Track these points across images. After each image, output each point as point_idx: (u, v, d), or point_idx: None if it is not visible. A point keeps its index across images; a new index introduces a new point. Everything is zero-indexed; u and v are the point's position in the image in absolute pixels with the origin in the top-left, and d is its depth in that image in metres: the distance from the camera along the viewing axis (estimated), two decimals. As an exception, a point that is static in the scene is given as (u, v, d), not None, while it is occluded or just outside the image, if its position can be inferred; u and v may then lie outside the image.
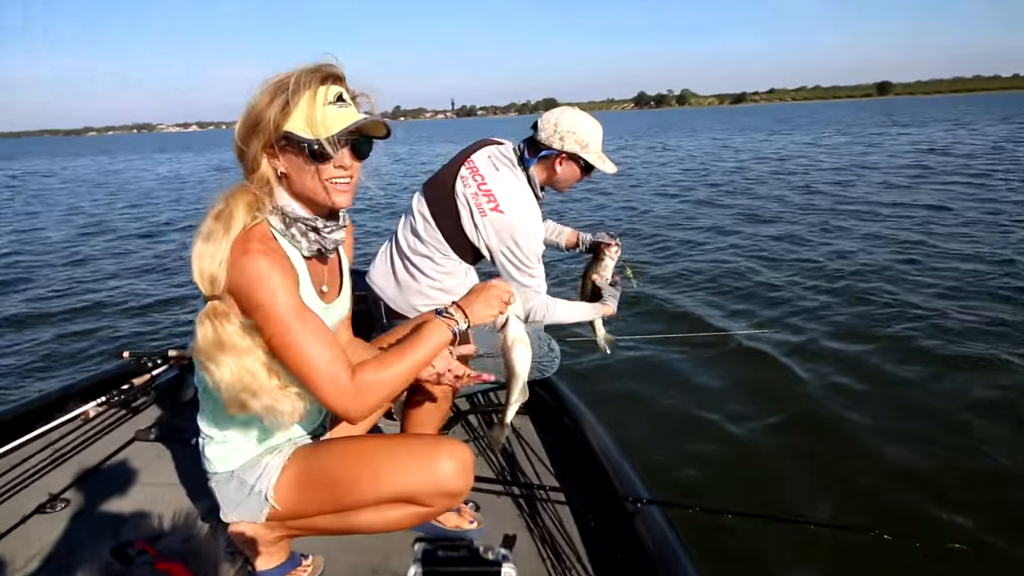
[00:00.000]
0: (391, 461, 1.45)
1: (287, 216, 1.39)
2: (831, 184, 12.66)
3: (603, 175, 2.47)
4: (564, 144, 2.37)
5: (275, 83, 1.31)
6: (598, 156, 2.43)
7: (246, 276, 1.29)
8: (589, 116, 2.42)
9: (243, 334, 1.33)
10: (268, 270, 1.30)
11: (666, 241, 8.25)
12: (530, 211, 2.37)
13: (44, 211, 14.70)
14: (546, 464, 2.28)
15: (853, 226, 8.41)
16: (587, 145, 2.39)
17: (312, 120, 1.31)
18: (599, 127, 2.42)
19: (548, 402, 2.54)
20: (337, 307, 1.57)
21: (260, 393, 1.34)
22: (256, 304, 1.31)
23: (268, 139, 1.32)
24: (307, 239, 1.42)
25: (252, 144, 1.33)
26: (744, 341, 4.48)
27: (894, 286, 5.64)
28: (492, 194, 2.33)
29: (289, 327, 1.31)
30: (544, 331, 2.58)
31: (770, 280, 6.06)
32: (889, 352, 4.26)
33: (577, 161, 2.41)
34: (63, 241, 10.42)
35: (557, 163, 2.40)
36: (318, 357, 1.32)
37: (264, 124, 1.31)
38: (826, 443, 3.24)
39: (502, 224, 2.28)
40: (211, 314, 1.32)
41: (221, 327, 1.32)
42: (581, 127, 2.38)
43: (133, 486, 2.16)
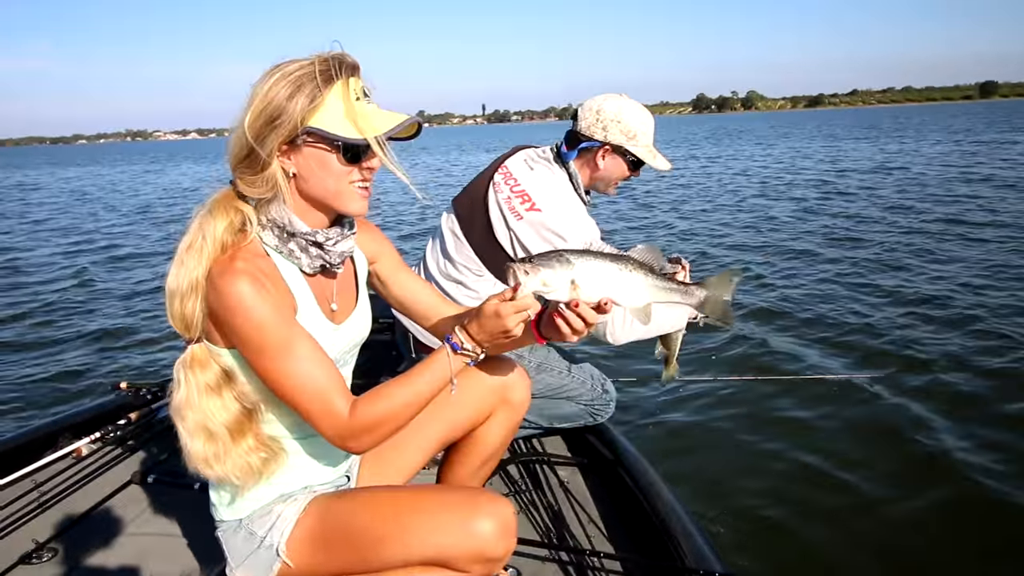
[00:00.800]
0: (422, 518, 1.43)
1: (283, 230, 1.40)
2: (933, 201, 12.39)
3: (651, 175, 2.43)
4: (608, 135, 2.33)
5: (294, 72, 1.32)
6: (648, 150, 2.37)
7: (228, 302, 1.31)
8: (637, 103, 2.37)
9: (219, 387, 1.38)
10: (252, 295, 1.31)
11: (735, 262, 8.16)
12: (573, 205, 2.33)
13: (29, 226, 15.19)
14: (598, 525, 2.24)
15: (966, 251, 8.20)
16: (635, 136, 2.34)
17: (352, 115, 1.32)
18: (649, 116, 2.38)
19: (602, 453, 2.50)
20: (351, 327, 1.58)
21: (219, 462, 1.39)
22: (241, 337, 1.33)
23: (290, 134, 1.33)
24: (307, 255, 1.43)
25: (269, 140, 1.33)
26: (844, 385, 4.33)
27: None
28: (526, 194, 2.30)
29: (278, 360, 1.33)
30: (597, 369, 2.55)
31: (869, 317, 5.87)
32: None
33: (623, 155, 2.36)
34: (52, 259, 10.73)
35: (600, 157, 2.36)
36: (311, 388, 1.35)
37: (287, 117, 1.31)
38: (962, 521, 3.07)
39: (542, 223, 2.24)
40: (186, 363, 1.38)
41: (194, 377, 1.37)
42: (628, 115, 2.33)
43: (129, 535, 2.17)
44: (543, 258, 1.35)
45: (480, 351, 1.46)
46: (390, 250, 1.73)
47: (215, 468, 1.40)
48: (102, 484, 2.43)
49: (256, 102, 1.32)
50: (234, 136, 1.36)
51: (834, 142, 35.05)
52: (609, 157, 2.37)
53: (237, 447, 1.41)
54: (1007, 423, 3.84)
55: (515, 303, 1.37)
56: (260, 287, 1.32)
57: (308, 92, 1.31)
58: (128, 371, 5.30)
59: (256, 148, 1.33)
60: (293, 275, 1.44)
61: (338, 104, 1.33)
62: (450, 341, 1.46)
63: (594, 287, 1.38)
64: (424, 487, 1.64)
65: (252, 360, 1.36)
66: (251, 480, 1.45)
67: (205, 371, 1.39)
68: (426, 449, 1.81)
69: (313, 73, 1.32)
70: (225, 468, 1.40)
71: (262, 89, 1.32)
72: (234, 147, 1.36)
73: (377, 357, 1.76)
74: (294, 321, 1.38)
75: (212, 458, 1.39)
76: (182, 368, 1.38)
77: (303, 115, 1.32)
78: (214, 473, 1.41)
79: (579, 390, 2.45)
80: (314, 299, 1.47)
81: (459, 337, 1.45)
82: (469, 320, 1.44)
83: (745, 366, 4.78)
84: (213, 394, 1.39)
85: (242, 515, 1.54)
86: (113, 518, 2.25)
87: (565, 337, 1.45)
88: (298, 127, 1.32)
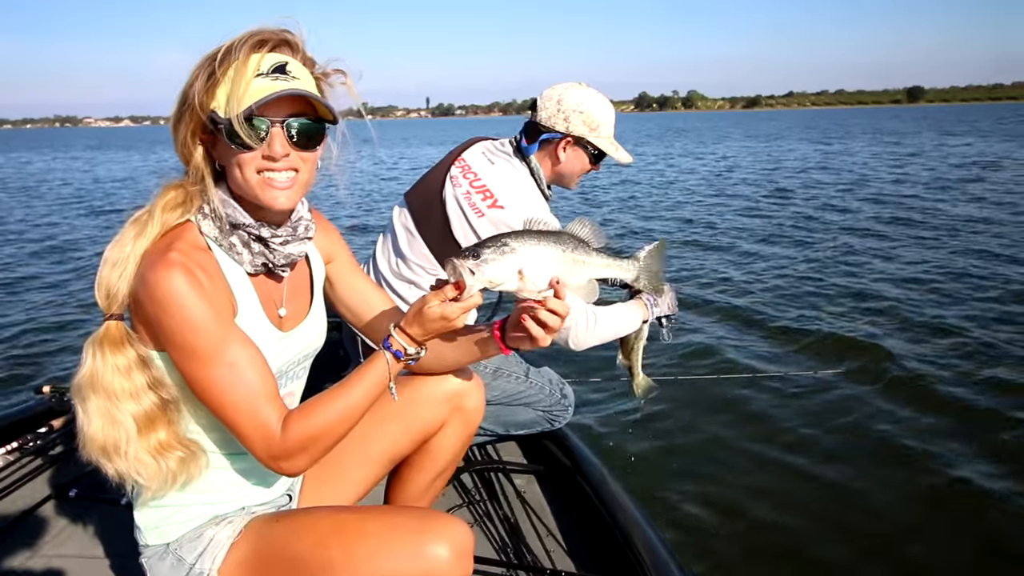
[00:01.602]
0: (370, 543, 1.31)
1: (224, 221, 1.29)
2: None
3: (613, 169, 2.37)
4: (570, 126, 2.26)
5: (208, 54, 1.22)
6: (610, 142, 2.32)
7: (157, 296, 1.20)
8: (598, 93, 2.31)
9: (130, 371, 1.25)
10: (185, 290, 1.19)
11: (699, 261, 8.20)
12: (536, 201, 2.26)
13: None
14: (557, 537, 2.17)
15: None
16: (597, 127, 2.28)
17: (232, 95, 1.20)
18: (610, 107, 2.33)
19: (560, 459, 2.43)
20: (302, 336, 1.46)
21: (119, 454, 1.25)
22: (169, 336, 1.22)
23: (197, 122, 1.24)
24: (249, 251, 1.32)
25: (180, 129, 1.26)
26: (805, 382, 4.39)
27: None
28: (487, 190, 2.22)
29: (210, 364, 1.22)
30: (555, 373, 2.46)
31: (825, 313, 5.98)
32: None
33: (585, 147, 2.30)
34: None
35: (561, 149, 2.29)
36: (242, 400, 1.24)
37: (189, 103, 1.23)
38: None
39: (504, 222, 2.15)
40: (98, 340, 1.25)
41: (102, 358, 1.24)
42: (590, 105, 2.27)
43: (46, 555, 2.03)
44: (487, 251, 1.26)
45: (420, 351, 1.36)
46: (345, 251, 1.61)
47: (114, 460, 1.25)
48: (18, 498, 2.29)
49: (179, 91, 1.25)
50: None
51: (784, 143, 36.13)
52: (571, 149, 2.30)
53: (143, 440, 1.26)
54: (966, 414, 4.00)
55: (462, 304, 1.27)
56: (195, 282, 1.21)
57: (206, 72, 1.22)
58: (52, 373, 4.98)
59: (174, 138, 1.27)
60: (236, 274, 1.32)
61: (228, 83, 1.22)
62: (388, 346, 1.34)
63: (540, 273, 1.31)
64: (372, 508, 1.52)
65: (181, 364, 1.24)
66: (162, 484, 1.30)
67: (117, 352, 1.25)
68: (375, 465, 1.70)
69: (216, 53, 1.22)
70: (127, 463, 1.26)
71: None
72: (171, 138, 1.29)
73: (321, 359, 1.63)
74: (231, 323, 1.27)
75: (111, 448, 1.25)
76: (92, 345, 1.25)
77: (202, 99, 1.22)
78: (113, 467, 1.26)
79: (537, 396, 2.36)
80: (258, 302, 1.35)
81: (398, 342, 1.33)
82: (407, 321, 1.33)
83: (705, 365, 4.80)
84: (122, 377, 1.25)
85: (170, 539, 1.40)
86: (30, 537, 2.10)
87: (536, 342, 1.35)
88: (200, 114, 1.23)
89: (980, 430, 3.78)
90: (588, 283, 1.39)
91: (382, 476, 1.76)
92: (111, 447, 1.25)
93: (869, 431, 3.83)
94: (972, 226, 9.89)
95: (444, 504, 2.27)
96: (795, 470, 3.46)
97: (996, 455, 3.52)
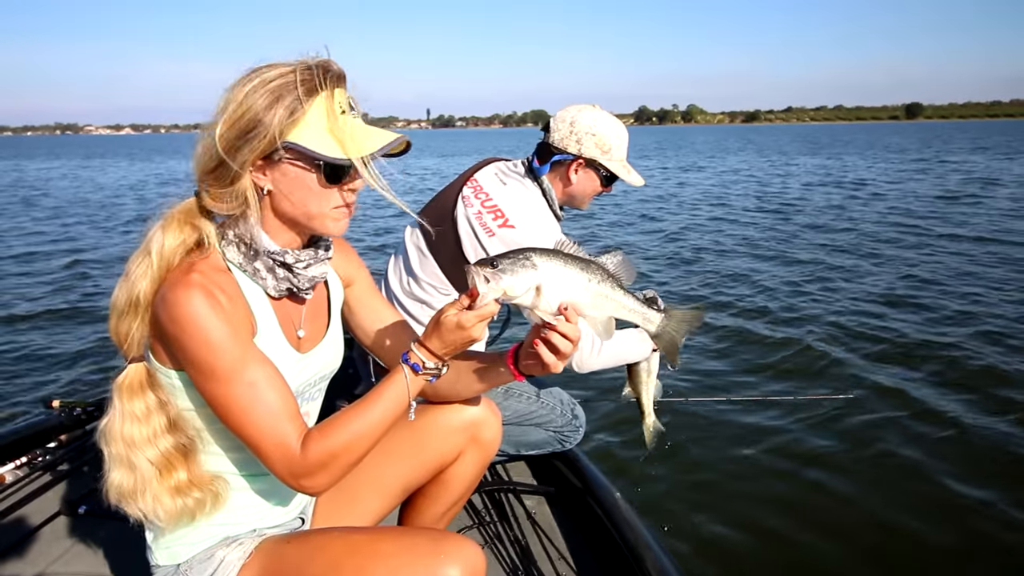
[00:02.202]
0: (382, 564, 1.29)
1: (249, 247, 1.29)
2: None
3: (625, 191, 2.36)
4: (582, 148, 2.27)
5: (274, 80, 1.21)
6: (622, 164, 2.33)
7: (176, 316, 1.20)
8: (611, 116, 2.33)
9: (148, 416, 1.28)
10: (205, 310, 1.20)
11: (706, 279, 8.13)
12: (548, 222, 2.26)
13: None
14: (567, 560, 2.15)
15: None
16: (609, 150, 2.29)
17: (335, 131, 1.22)
18: (624, 130, 2.34)
19: (570, 480, 2.42)
20: (319, 357, 1.45)
21: (138, 498, 1.29)
22: (189, 356, 1.22)
23: (266, 149, 1.22)
24: (274, 275, 1.32)
25: (242, 153, 1.22)
26: (815, 405, 4.31)
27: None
28: (499, 210, 2.22)
29: (229, 383, 1.22)
30: (566, 393, 2.46)
31: (839, 336, 5.88)
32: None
33: (597, 169, 2.31)
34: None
35: (572, 171, 2.30)
36: (263, 419, 1.24)
37: (262, 131, 1.20)
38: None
39: (515, 241, 2.14)
40: (121, 387, 1.28)
41: (121, 405, 1.28)
42: (603, 128, 2.28)
43: (56, 573, 2.01)
44: (506, 261, 1.24)
45: (442, 366, 1.34)
46: (365, 274, 1.60)
47: (131, 504, 1.29)
48: (27, 515, 2.27)
49: (230, 110, 1.21)
50: (202, 145, 1.24)
51: (792, 158, 35.86)
52: (582, 171, 2.31)
53: (161, 484, 1.29)
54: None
55: (477, 312, 1.25)
56: (214, 303, 1.21)
57: (288, 104, 1.20)
58: (61, 388, 4.93)
59: (227, 160, 1.21)
60: (256, 295, 1.32)
61: (320, 119, 1.23)
62: (408, 361, 1.32)
63: (559, 294, 1.27)
64: (385, 530, 1.53)
65: (200, 383, 1.24)
66: (179, 523, 1.33)
67: (134, 398, 1.28)
68: (388, 496, 1.69)
69: (294, 83, 1.21)
70: (144, 505, 1.29)
71: (237, 96, 1.21)
72: (202, 157, 1.25)
73: (333, 377, 1.63)
74: (251, 343, 1.27)
75: (128, 493, 1.29)
76: (116, 391, 1.28)
77: (281, 128, 1.21)
78: (132, 510, 1.30)
79: (548, 416, 2.36)
80: (278, 324, 1.35)
81: (417, 355, 1.31)
82: (426, 334, 1.32)
83: (717, 386, 4.75)
84: (141, 424, 1.28)
85: (180, 560, 1.40)
86: (39, 553, 2.09)
87: (548, 368, 1.33)
88: (276, 141, 1.21)
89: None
90: (607, 320, 1.35)
91: (395, 506, 1.75)
92: (128, 492, 1.29)
93: (888, 454, 3.78)
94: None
95: (454, 525, 2.25)
96: (810, 494, 3.42)
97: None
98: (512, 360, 1.43)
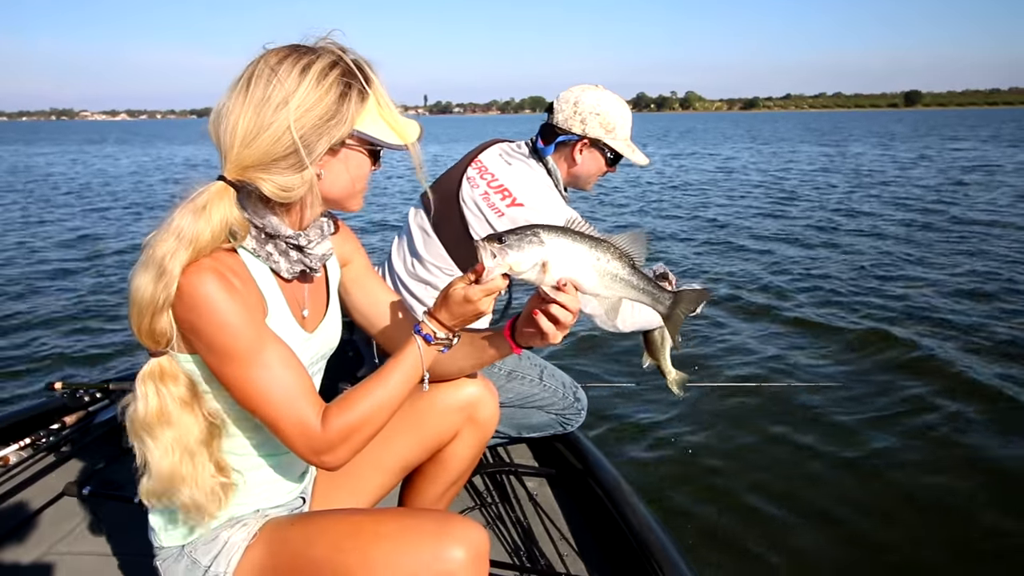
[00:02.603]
0: (387, 546, 1.31)
1: (262, 231, 1.29)
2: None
3: (630, 171, 2.36)
4: (586, 128, 2.27)
5: (335, 69, 1.23)
6: (627, 144, 2.33)
7: (190, 301, 1.19)
8: (615, 95, 2.33)
9: (188, 400, 1.27)
10: (220, 294, 1.19)
11: (721, 267, 8.10)
12: (555, 201, 2.26)
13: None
14: (569, 541, 2.17)
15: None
16: (614, 129, 2.29)
17: (387, 118, 1.30)
18: (627, 109, 2.34)
19: (571, 462, 2.43)
20: (322, 335, 1.46)
21: (192, 484, 1.28)
22: (206, 340, 1.22)
23: (342, 137, 1.25)
24: (287, 258, 1.33)
25: (322, 141, 1.23)
26: (827, 391, 4.34)
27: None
28: (506, 189, 2.23)
29: (247, 365, 1.23)
30: (568, 376, 2.46)
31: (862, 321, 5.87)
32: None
33: (602, 149, 2.31)
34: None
35: (577, 151, 2.30)
36: (283, 398, 1.25)
37: (340, 119, 1.23)
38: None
39: (525, 219, 2.14)
40: (155, 376, 1.25)
41: (167, 392, 1.25)
42: (607, 107, 2.28)
43: (60, 552, 2.03)
44: (514, 237, 1.25)
45: (453, 337, 1.36)
46: (361, 254, 1.61)
47: (184, 491, 1.27)
48: (32, 495, 2.28)
49: (299, 97, 1.19)
50: (266, 134, 1.20)
51: (798, 146, 35.62)
52: (587, 151, 2.31)
53: (204, 470, 1.29)
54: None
55: (483, 287, 1.27)
56: (228, 285, 1.21)
57: (358, 92, 1.25)
58: (64, 370, 4.96)
59: (302, 149, 1.21)
60: (264, 276, 1.32)
61: (374, 107, 1.29)
62: (419, 331, 1.34)
63: (565, 272, 1.28)
64: (387, 511, 1.53)
65: (217, 367, 1.24)
66: (214, 507, 1.32)
67: (178, 384, 1.27)
68: (388, 474, 1.70)
69: (352, 71, 1.25)
70: (194, 491, 1.28)
71: (300, 82, 1.20)
72: (264, 144, 1.20)
73: (334, 360, 1.63)
74: (264, 325, 1.27)
75: (188, 478, 1.27)
76: (150, 381, 1.24)
77: (354, 117, 1.25)
78: (183, 496, 1.28)
79: (551, 399, 2.37)
80: (286, 304, 1.36)
81: (429, 326, 1.34)
82: (435, 307, 1.35)
83: (722, 372, 4.75)
84: (188, 409, 1.27)
85: (184, 541, 1.40)
86: (43, 533, 2.11)
87: (547, 338, 1.34)
88: (351, 130, 1.26)
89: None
90: (616, 300, 1.35)
91: (394, 484, 1.76)
92: (188, 478, 1.27)
93: (896, 442, 3.78)
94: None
95: (456, 506, 2.27)
96: (813, 478, 3.44)
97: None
98: (510, 333, 1.44)
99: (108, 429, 2.62)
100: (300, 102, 1.19)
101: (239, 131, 1.20)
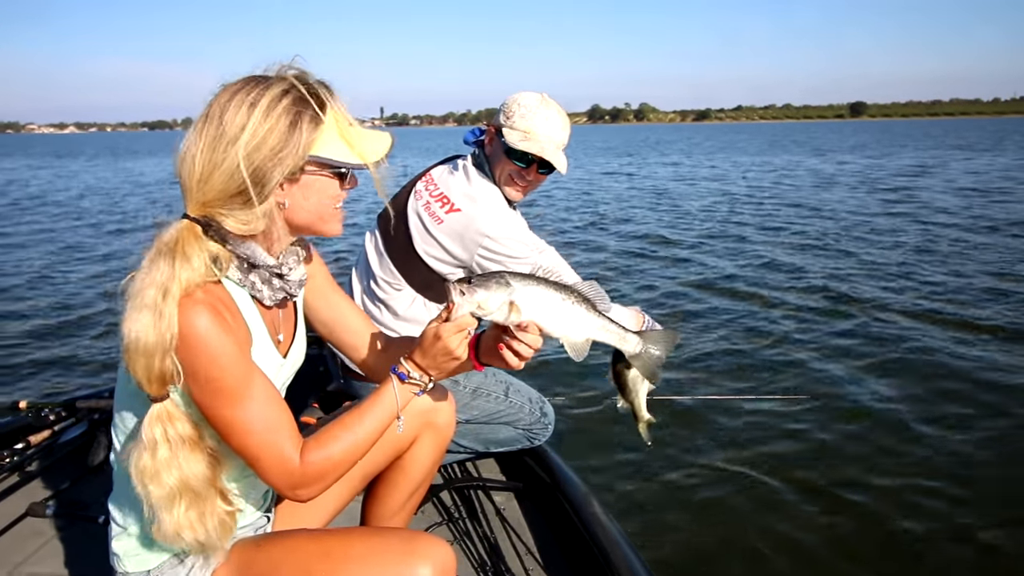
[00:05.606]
0: (355, 567, 1.33)
1: (244, 261, 1.29)
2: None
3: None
4: (497, 118, 2.25)
5: (284, 99, 1.22)
6: (523, 136, 2.19)
7: (185, 336, 1.17)
8: (548, 100, 2.24)
9: (195, 439, 1.25)
10: (214, 330, 1.19)
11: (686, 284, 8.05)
12: (494, 201, 2.22)
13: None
14: (536, 556, 2.18)
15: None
16: (512, 116, 2.21)
17: (347, 137, 1.27)
18: (551, 113, 2.22)
19: (539, 476, 2.45)
20: (293, 357, 1.48)
21: (193, 531, 1.25)
22: (197, 375, 1.20)
23: (296, 166, 1.24)
24: (269, 286, 1.33)
25: (275, 174, 1.22)
26: (794, 405, 4.35)
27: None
28: (444, 196, 2.22)
29: (234, 402, 1.23)
30: (535, 391, 2.49)
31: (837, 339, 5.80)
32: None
33: (501, 137, 2.22)
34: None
35: (488, 141, 2.29)
36: (264, 434, 1.25)
37: (292, 149, 1.22)
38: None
39: (463, 223, 2.15)
40: (164, 419, 1.22)
41: (176, 435, 1.23)
42: (519, 98, 2.24)
43: (23, 574, 1.99)
44: (482, 279, 1.31)
45: (428, 380, 1.38)
46: (322, 268, 1.61)
47: (196, 532, 1.25)
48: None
49: (248, 133, 1.19)
50: (219, 171, 1.20)
51: (759, 156, 36.07)
52: (494, 141, 2.27)
53: (217, 503, 1.28)
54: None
55: (453, 323, 1.31)
56: (221, 320, 1.20)
57: (309, 120, 1.23)
58: (28, 389, 4.82)
59: (252, 184, 1.21)
60: (247, 305, 1.32)
61: (333, 128, 1.26)
62: (396, 371, 1.37)
63: (532, 313, 1.33)
64: (354, 531, 1.55)
65: (202, 401, 1.23)
66: (225, 539, 1.31)
67: (184, 424, 1.24)
68: (350, 481, 1.70)
69: (304, 98, 1.23)
70: (207, 531, 1.26)
71: (249, 118, 1.19)
72: (218, 182, 1.21)
73: (302, 375, 1.63)
74: (251, 359, 1.27)
75: (197, 521, 1.24)
76: (158, 424, 1.21)
77: (307, 145, 1.23)
78: (193, 538, 1.25)
79: (517, 415, 2.39)
80: (266, 331, 1.37)
81: (405, 367, 1.37)
82: (412, 349, 1.37)
83: (691, 384, 4.73)
84: (196, 448, 1.25)
85: (150, 566, 1.39)
86: (5, 554, 2.06)
87: (510, 367, 1.38)
88: (303, 158, 1.24)
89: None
90: (583, 342, 1.39)
91: (356, 492, 1.77)
92: (196, 521, 1.25)
93: (857, 459, 3.79)
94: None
95: (423, 522, 2.29)
96: (778, 494, 3.44)
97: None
98: (473, 352, 1.46)
99: (74, 448, 2.58)
100: (249, 137, 1.19)
101: (196, 170, 1.21)
